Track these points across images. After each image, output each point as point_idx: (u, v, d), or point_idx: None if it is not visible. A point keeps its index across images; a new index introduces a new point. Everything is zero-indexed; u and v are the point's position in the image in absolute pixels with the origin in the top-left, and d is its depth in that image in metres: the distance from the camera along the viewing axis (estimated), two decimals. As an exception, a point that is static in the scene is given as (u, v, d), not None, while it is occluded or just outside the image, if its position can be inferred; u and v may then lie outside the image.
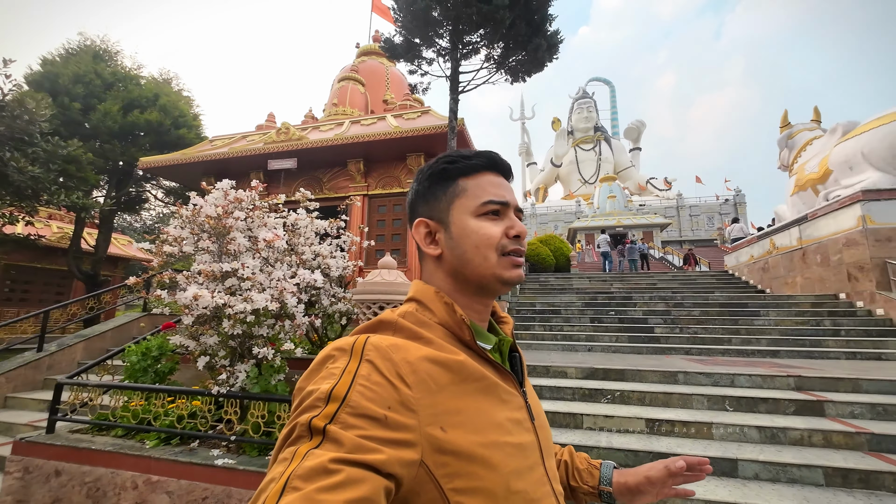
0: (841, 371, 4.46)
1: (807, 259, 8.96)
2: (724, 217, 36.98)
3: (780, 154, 12.17)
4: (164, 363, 4.02)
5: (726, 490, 2.82)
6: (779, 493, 2.78)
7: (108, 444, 3.14)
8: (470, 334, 0.56)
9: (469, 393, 0.51)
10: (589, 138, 50.77)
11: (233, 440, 2.98)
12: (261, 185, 3.66)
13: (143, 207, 15.36)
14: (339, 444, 0.40)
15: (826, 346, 6.12)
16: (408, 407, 0.45)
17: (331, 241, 4.29)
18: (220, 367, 3.18)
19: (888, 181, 7.85)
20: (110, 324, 6.65)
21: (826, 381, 4.06)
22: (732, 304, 8.38)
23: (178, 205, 3.41)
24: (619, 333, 7.23)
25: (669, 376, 4.42)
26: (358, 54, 13.06)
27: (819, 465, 2.93)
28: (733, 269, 12.81)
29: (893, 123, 8.05)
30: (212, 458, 2.90)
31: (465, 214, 0.60)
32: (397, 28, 6.79)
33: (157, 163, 9.61)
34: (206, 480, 2.83)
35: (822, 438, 3.28)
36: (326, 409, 0.42)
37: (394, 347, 0.49)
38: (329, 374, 0.47)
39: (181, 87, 14.03)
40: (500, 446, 0.50)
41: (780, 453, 3.14)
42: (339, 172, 9.24)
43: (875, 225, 7.32)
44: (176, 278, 3.14)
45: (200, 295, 2.67)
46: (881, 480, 2.81)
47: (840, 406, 3.64)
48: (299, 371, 3.96)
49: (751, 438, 3.41)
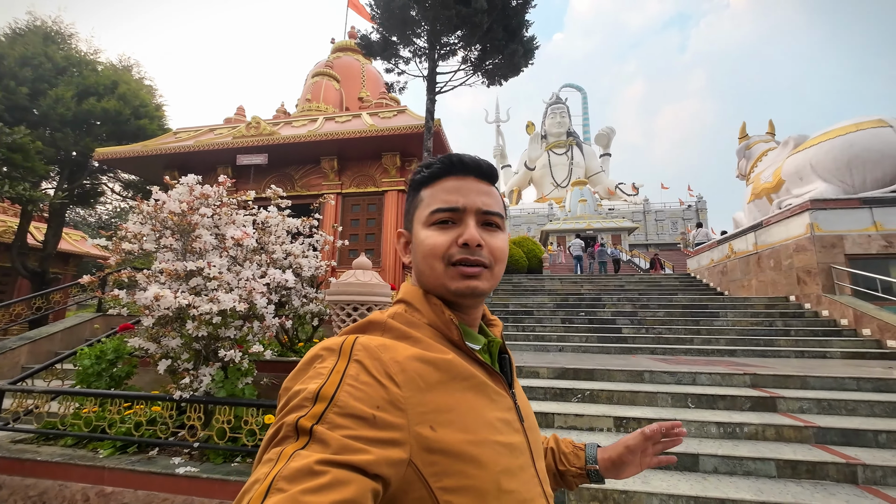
0: (791, 369, 4.76)
1: (761, 263, 9.52)
2: (687, 222, 38.75)
3: (739, 164, 12.89)
4: (121, 367, 3.79)
5: (688, 484, 2.94)
6: (735, 485, 2.93)
7: (55, 455, 2.93)
8: (458, 334, 0.56)
9: (458, 391, 0.51)
10: (562, 143, 52.00)
11: (196, 447, 2.85)
12: (229, 181, 3.51)
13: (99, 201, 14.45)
14: (326, 444, 0.39)
15: (778, 346, 6.52)
16: (397, 406, 0.45)
17: (303, 241, 4.17)
18: (182, 370, 3.03)
19: (833, 191, 8.47)
20: (60, 325, 6.21)
21: (778, 379, 4.32)
22: (694, 305, 8.79)
23: (139, 199, 3.22)
24: (589, 334, 7.43)
25: (636, 375, 4.58)
26: (333, 50, 12.81)
27: (771, 458, 3.11)
28: (695, 272, 13.43)
29: (839, 138, 8.70)
30: (172, 466, 2.75)
31: (419, 225, 0.60)
32: (374, 26, 6.71)
33: (115, 154, 9.07)
34: (166, 490, 2.69)
35: (774, 433, 3.49)
36: (314, 409, 0.42)
37: (382, 347, 0.49)
38: (317, 373, 0.46)
39: (143, 76, 13.30)
40: (490, 445, 0.49)
41: (736, 448, 3.31)
42: (312, 170, 9.03)
43: (821, 232, 7.87)
44: (135, 277, 2.96)
45: (162, 295, 2.53)
46: (826, 470, 3.01)
47: (790, 402, 3.88)
48: (268, 374, 3.84)
49: (711, 434, 3.58)
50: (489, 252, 0.58)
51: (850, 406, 3.79)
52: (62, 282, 13.68)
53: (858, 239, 7.69)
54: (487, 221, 0.60)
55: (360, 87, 11.70)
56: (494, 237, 0.59)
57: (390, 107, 9.79)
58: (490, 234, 0.59)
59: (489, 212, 0.59)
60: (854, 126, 8.62)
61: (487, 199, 0.60)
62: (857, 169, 8.38)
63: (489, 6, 5.63)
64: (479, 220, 0.59)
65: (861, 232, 7.73)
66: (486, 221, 0.60)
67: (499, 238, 0.60)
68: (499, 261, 0.59)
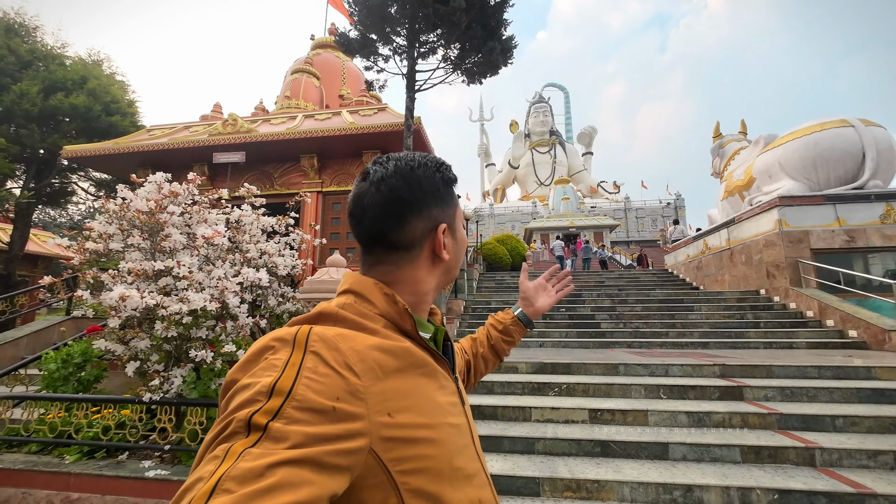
0: (758, 359, 4.94)
1: (734, 258, 9.83)
2: (667, 219, 39.67)
3: (713, 162, 13.26)
4: (89, 370, 3.69)
5: (657, 472, 3.04)
6: (702, 471, 3.04)
7: (18, 462, 2.83)
8: (412, 324, 0.57)
9: (413, 377, 0.52)
10: (545, 142, 52.49)
11: (167, 450, 2.80)
12: (199, 179, 3.44)
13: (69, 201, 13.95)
14: (283, 440, 0.38)
15: (748, 337, 6.76)
16: (357, 396, 0.45)
17: (279, 239, 4.13)
18: (152, 372, 2.97)
19: (800, 189, 8.80)
20: (25, 329, 5.99)
21: (745, 369, 4.49)
22: (670, 300, 9.02)
23: (105, 199, 3.13)
24: (569, 329, 7.56)
25: (612, 368, 4.69)
26: (313, 46, 12.64)
27: (736, 445, 3.24)
28: (672, 267, 13.78)
29: (804, 138, 9.04)
30: (142, 469, 2.70)
31: (461, 222, 0.68)
32: (353, 23, 6.65)
33: (85, 152, 8.76)
34: (135, 494, 2.64)
35: (740, 420, 3.63)
36: (269, 403, 0.40)
37: (340, 337, 0.49)
38: (269, 365, 0.44)
39: (114, 71, 12.89)
40: (443, 427, 0.52)
41: (704, 435, 3.43)
42: (291, 168, 8.91)
43: (789, 228, 8.18)
44: (101, 277, 2.88)
45: (128, 295, 2.48)
46: (786, 455, 3.15)
47: (756, 390, 4.04)
48: (244, 374, 3.79)
49: (681, 423, 3.70)
50: None
51: (811, 393, 3.97)
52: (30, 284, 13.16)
53: (823, 234, 8.02)
54: None
55: (340, 84, 11.59)
56: None
57: (371, 104, 9.73)
58: None
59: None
60: (819, 126, 8.97)
61: None
62: (821, 167, 8.73)
63: (467, 5, 5.66)
64: None
65: (826, 227, 8.07)
66: None
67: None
68: None
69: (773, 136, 10.33)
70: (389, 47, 6.74)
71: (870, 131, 8.47)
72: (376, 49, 6.73)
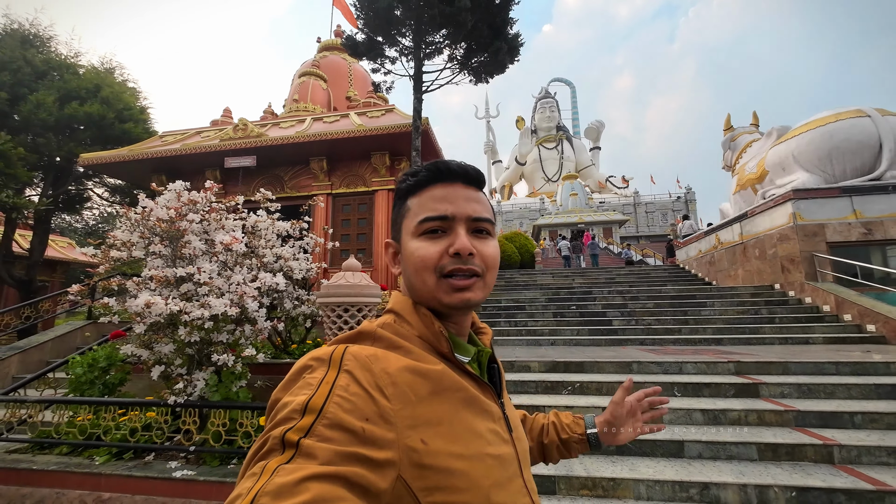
0: (773, 355, 4.90)
1: (747, 253, 9.71)
2: (677, 213, 39.17)
3: (724, 155, 13.09)
4: (114, 374, 3.80)
5: (673, 470, 3.05)
6: (719, 469, 3.04)
7: (51, 463, 2.95)
8: (448, 346, 0.55)
9: (448, 403, 0.50)
10: (551, 137, 52.15)
11: (192, 451, 2.89)
12: (216, 186, 3.53)
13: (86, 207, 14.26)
14: (313, 457, 0.38)
15: (763, 333, 6.68)
16: (386, 419, 0.44)
17: (293, 243, 4.20)
18: (176, 375, 3.06)
19: (814, 181, 8.65)
20: (50, 334, 6.17)
21: (761, 365, 4.45)
22: (682, 296, 8.95)
23: (125, 207, 3.22)
24: (581, 327, 7.55)
25: (625, 366, 4.69)
26: (319, 49, 12.73)
27: (753, 442, 3.23)
28: (684, 263, 13.64)
29: (819, 129, 8.88)
30: (169, 470, 2.80)
31: (408, 235, 0.58)
32: (359, 27, 6.70)
33: (100, 159, 8.96)
34: (163, 494, 2.73)
35: (756, 417, 3.61)
36: (302, 421, 0.41)
37: (373, 358, 0.48)
38: (306, 384, 0.45)
39: (126, 78, 13.11)
40: (481, 458, 0.49)
41: (720, 433, 3.43)
42: (301, 171, 9.01)
43: (804, 221, 8.05)
44: (125, 284, 2.98)
45: (153, 302, 2.56)
46: (804, 452, 3.14)
47: (772, 387, 4.01)
48: (262, 377, 3.87)
49: (696, 421, 3.69)
50: (481, 260, 0.56)
51: (828, 389, 3.93)
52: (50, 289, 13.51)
53: (839, 227, 7.88)
54: (477, 228, 0.58)
55: (347, 86, 11.66)
56: (485, 244, 0.58)
57: (378, 106, 9.79)
58: (481, 242, 0.57)
59: (479, 218, 0.58)
60: (834, 116, 8.81)
61: (476, 206, 0.58)
62: (837, 158, 8.57)
63: (472, 4, 5.66)
64: (470, 227, 0.57)
65: (842, 220, 7.92)
66: (476, 228, 0.58)
67: (490, 245, 0.58)
68: (491, 268, 0.58)
69: (786, 128, 10.16)
70: (396, 49, 6.78)
71: (887, 121, 8.29)
72: (383, 51, 6.77)
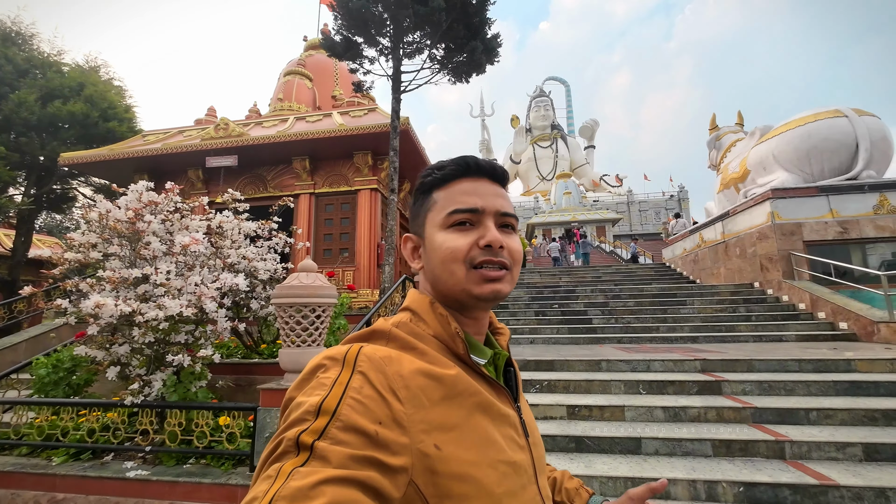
0: (744, 353, 4.97)
1: (728, 251, 9.80)
2: (670, 212, 39.38)
3: (710, 154, 13.18)
4: (80, 375, 3.80)
5: (627, 466, 3.10)
6: (672, 465, 3.09)
7: (7, 465, 2.95)
8: (464, 348, 0.54)
9: (463, 408, 0.49)
10: (546, 136, 52.24)
11: (148, 451, 2.90)
12: (177, 187, 3.53)
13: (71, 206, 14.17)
14: (327, 461, 0.38)
15: (738, 331, 6.76)
16: (399, 423, 0.44)
17: (262, 243, 4.21)
18: (134, 376, 3.07)
19: (794, 180, 8.75)
20: (24, 335, 6.15)
21: (726, 363, 4.51)
22: (664, 294, 9.03)
23: (86, 208, 3.23)
24: (561, 325, 7.60)
25: (594, 364, 4.74)
26: (306, 48, 12.69)
27: (709, 439, 3.28)
28: (670, 261, 13.74)
29: (798, 129, 8.96)
30: (124, 470, 2.81)
31: (434, 228, 0.58)
32: (336, 27, 6.69)
33: (81, 159, 8.91)
34: (117, 494, 2.75)
35: (715, 414, 3.67)
36: (316, 423, 0.41)
37: (387, 359, 0.48)
38: (319, 384, 0.45)
39: (111, 76, 13.05)
40: (495, 465, 0.48)
41: (678, 430, 3.48)
42: (284, 170, 9.00)
43: (782, 220, 8.14)
44: (80, 287, 2.98)
45: (103, 303, 2.57)
46: (757, 448, 3.19)
47: (734, 385, 4.07)
48: (228, 376, 3.89)
49: (657, 418, 3.74)
50: (509, 254, 0.57)
51: (788, 387, 3.99)
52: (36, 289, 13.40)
53: (816, 226, 7.98)
54: (504, 223, 0.59)
55: (333, 85, 11.64)
56: (511, 239, 0.58)
57: (362, 105, 9.79)
58: (507, 236, 0.58)
59: (506, 213, 0.59)
60: (813, 116, 8.89)
61: (503, 202, 0.59)
62: (815, 158, 8.66)
63: (447, 5, 5.67)
64: (497, 221, 0.58)
65: (819, 219, 8.02)
66: (503, 223, 0.59)
67: (515, 240, 0.59)
68: (517, 262, 0.58)
69: (768, 128, 10.24)
70: (375, 49, 6.79)
71: (863, 121, 8.39)
72: (361, 51, 6.77)
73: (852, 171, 8.29)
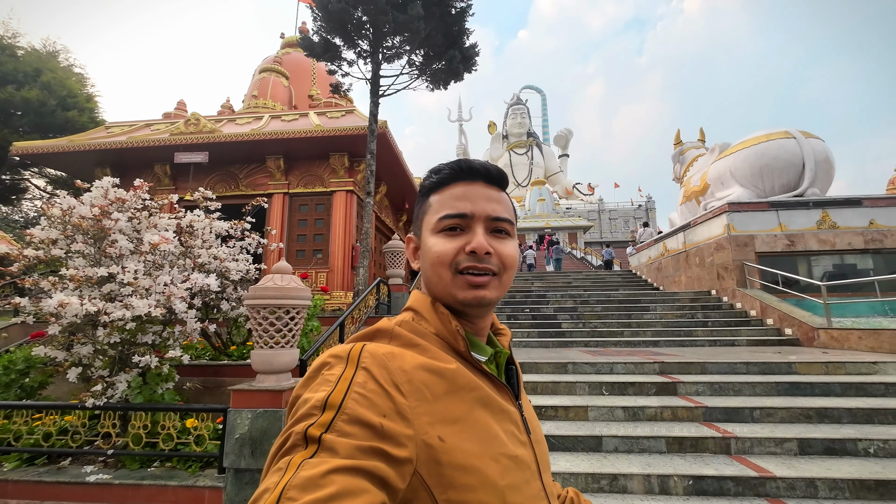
0: (698, 356, 5.29)
1: (689, 260, 10.36)
2: (638, 221, 41.01)
3: (674, 168, 13.91)
4: (34, 377, 3.63)
5: (588, 463, 3.27)
6: (629, 461, 3.29)
7: (-48, 471, 2.80)
8: (464, 345, 0.55)
9: (465, 402, 0.50)
10: (522, 143, 53.25)
11: (110, 454, 2.82)
12: (146, 184, 3.45)
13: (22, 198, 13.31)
14: (335, 452, 0.39)
15: (696, 336, 7.17)
16: (403, 416, 0.45)
17: (234, 243, 4.16)
18: (97, 377, 2.98)
19: (748, 195, 9.38)
20: (-31, 334, 5.74)
21: (682, 366, 4.81)
22: (629, 300, 9.43)
23: (47, 204, 3.11)
24: (531, 329, 7.82)
25: (561, 367, 4.93)
26: (283, 45, 12.50)
27: (663, 436, 3.51)
28: (636, 268, 14.34)
29: (753, 147, 9.63)
30: (83, 474, 2.72)
31: (427, 231, 0.60)
32: (315, 27, 6.68)
33: (37, 149, 8.42)
34: (75, 499, 2.66)
35: (670, 413, 3.91)
36: (322, 417, 0.42)
37: (390, 356, 0.49)
38: (325, 381, 0.46)
39: (71, 63, 12.37)
40: (497, 458, 0.49)
41: (636, 428, 3.69)
42: (257, 169, 8.82)
43: (736, 232, 8.70)
44: (41, 284, 2.87)
45: (68, 302, 2.50)
46: (706, 444, 3.44)
47: (689, 386, 4.35)
48: (195, 378, 3.81)
49: (617, 417, 3.95)
50: (498, 259, 0.57)
51: (736, 387, 4.30)
52: (-22, 286, 12.50)
53: (767, 238, 8.58)
54: (497, 228, 0.59)
55: (310, 84, 11.52)
56: (504, 244, 0.58)
57: (340, 107, 9.74)
58: (499, 241, 0.58)
59: (498, 218, 0.59)
60: (765, 137, 9.58)
61: (496, 206, 0.60)
62: (767, 175, 9.33)
63: (426, 14, 5.79)
64: (488, 226, 0.58)
65: (769, 232, 8.63)
66: (496, 228, 0.59)
67: (508, 245, 0.59)
68: (508, 268, 0.58)
69: (727, 145, 10.93)
70: (354, 51, 6.82)
71: (809, 143, 9.11)
72: (339, 53, 6.78)
73: (799, 188, 8.98)
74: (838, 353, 5.50)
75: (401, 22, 5.70)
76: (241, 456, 2.77)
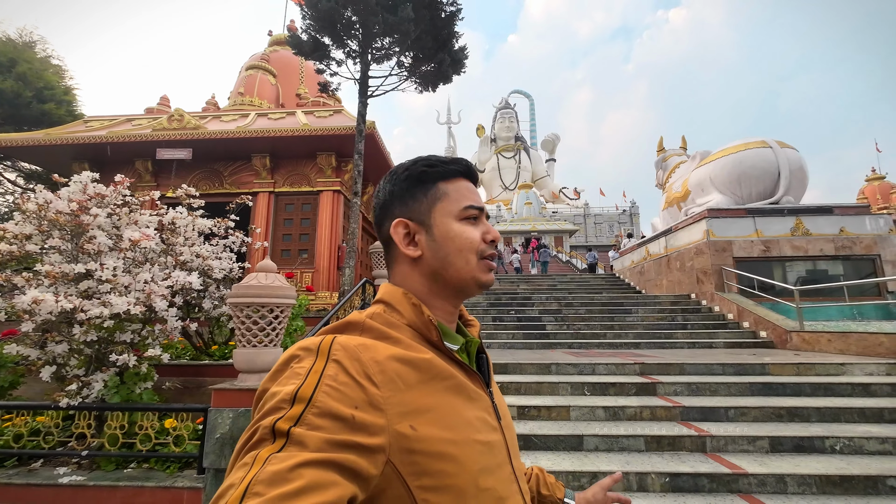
0: (677, 358, 5.43)
1: (670, 265, 10.61)
2: (622, 225, 41.79)
3: (657, 174, 14.23)
4: (4, 376, 3.52)
5: (570, 461, 3.32)
6: (609, 459, 3.36)
7: (-85, 474, 2.69)
8: (437, 335, 0.56)
9: (438, 391, 0.51)
10: (510, 147, 53.69)
11: (84, 456, 2.75)
12: (128, 181, 3.39)
13: (-7, 192, 12.82)
14: (304, 446, 0.39)
15: (676, 338, 7.35)
16: (375, 406, 0.45)
17: (217, 242, 4.10)
18: (72, 377, 2.90)
19: (726, 202, 9.67)
20: (-66, 333, 5.51)
21: (661, 367, 4.93)
22: (613, 303, 9.61)
23: (22, 198, 3.02)
24: (517, 331, 7.89)
25: (544, 368, 5.00)
26: (270, 43, 12.37)
27: (642, 435, 3.59)
28: (619, 272, 14.61)
29: (731, 155, 9.94)
30: (56, 476, 2.65)
31: (447, 217, 0.61)
32: (304, 25, 6.65)
33: (10, 142, 8.13)
34: (47, 502, 2.58)
35: (649, 413, 4.01)
36: (291, 410, 0.41)
37: (362, 347, 0.49)
38: (294, 374, 0.46)
39: (49, 54, 12.02)
40: (470, 444, 0.50)
41: (616, 428, 3.77)
42: (242, 167, 8.70)
43: (715, 238, 8.96)
44: (14, 280, 2.79)
45: (42, 299, 2.43)
46: (683, 443, 3.54)
47: (667, 386, 4.46)
48: (176, 378, 3.74)
49: (598, 417, 4.03)
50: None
51: (713, 388, 4.43)
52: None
53: (744, 244, 8.85)
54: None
55: (298, 83, 11.43)
56: None
57: (328, 106, 9.69)
58: None
59: (488, 216, 0.67)
60: (743, 145, 9.89)
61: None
62: (745, 183, 9.63)
63: (416, 17, 5.83)
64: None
65: (746, 238, 8.91)
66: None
67: None
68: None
69: (707, 153, 11.25)
70: (343, 51, 6.80)
71: (784, 152, 9.45)
72: (328, 53, 6.76)
73: (775, 196, 9.30)
74: (809, 355, 5.71)
75: (391, 23, 5.73)
76: (222, 456, 2.74)
